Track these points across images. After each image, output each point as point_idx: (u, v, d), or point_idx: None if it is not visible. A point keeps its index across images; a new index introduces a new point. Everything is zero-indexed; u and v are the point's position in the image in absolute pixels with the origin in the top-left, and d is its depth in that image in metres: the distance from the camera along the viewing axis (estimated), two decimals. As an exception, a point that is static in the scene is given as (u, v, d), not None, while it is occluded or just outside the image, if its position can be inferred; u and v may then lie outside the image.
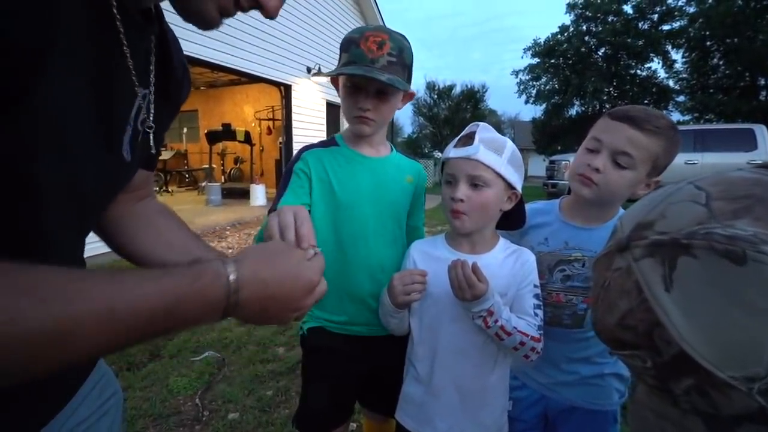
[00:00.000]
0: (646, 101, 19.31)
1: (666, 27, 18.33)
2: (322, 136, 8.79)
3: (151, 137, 0.54)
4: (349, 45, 0.93)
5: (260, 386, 2.06)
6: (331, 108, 8.95)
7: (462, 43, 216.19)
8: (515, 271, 0.90)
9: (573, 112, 20.62)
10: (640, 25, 18.45)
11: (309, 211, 1.01)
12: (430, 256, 0.96)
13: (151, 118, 0.53)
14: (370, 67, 0.90)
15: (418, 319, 0.96)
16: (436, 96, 22.35)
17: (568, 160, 8.50)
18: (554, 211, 1.00)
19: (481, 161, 0.84)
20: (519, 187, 0.90)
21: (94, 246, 0.68)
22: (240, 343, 2.50)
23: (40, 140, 0.37)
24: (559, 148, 19.74)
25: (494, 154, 0.85)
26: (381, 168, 1.06)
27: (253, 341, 2.53)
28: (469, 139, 0.87)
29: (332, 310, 1.07)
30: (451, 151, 0.89)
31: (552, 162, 9.41)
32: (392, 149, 1.13)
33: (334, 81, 1.06)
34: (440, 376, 0.91)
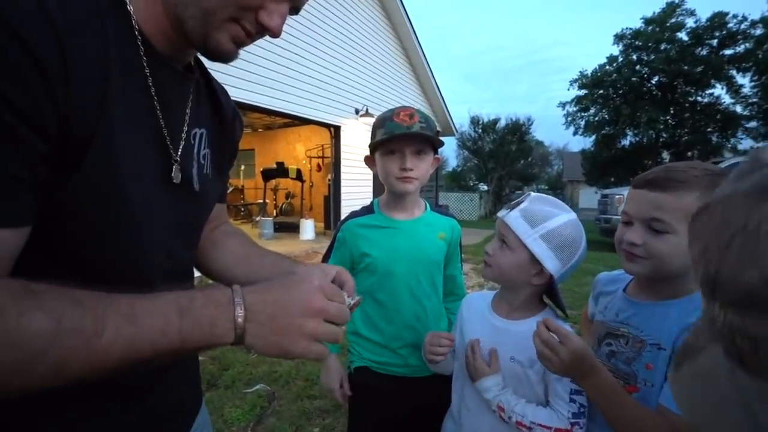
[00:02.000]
0: (709, 129, 18.08)
1: (728, 51, 17.35)
2: (368, 172, 9.10)
3: (205, 167, 0.62)
4: (384, 122, 1.08)
5: (307, 423, 2.14)
6: (377, 146, 9.30)
7: (506, 75, 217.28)
8: None
9: (626, 142, 19.69)
10: (697, 51, 17.62)
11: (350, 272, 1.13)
12: (475, 312, 1.03)
13: (202, 153, 0.60)
14: (409, 132, 1.04)
15: (459, 363, 1.02)
16: (480, 130, 22.37)
17: (622, 194, 8.08)
18: (624, 281, 0.94)
19: (508, 224, 0.89)
20: (551, 266, 0.85)
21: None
22: (289, 377, 2.61)
23: (124, 170, 0.45)
24: (612, 180, 18.81)
25: (526, 223, 0.87)
26: (414, 229, 1.16)
27: (301, 376, 2.63)
28: (516, 205, 0.92)
29: (374, 351, 1.18)
30: (501, 210, 0.96)
31: (605, 196, 8.97)
32: (426, 207, 1.22)
33: (368, 160, 1.20)
34: (465, 422, 0.96)
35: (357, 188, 8.75)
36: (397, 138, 1.05)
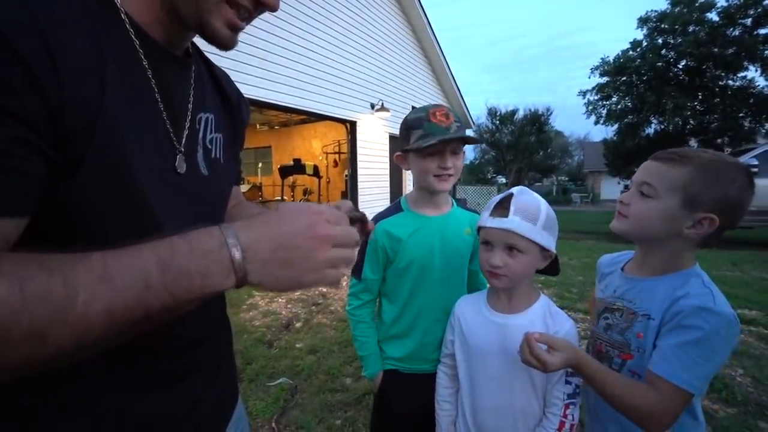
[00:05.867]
0: (741, 114, 17.26)
1: (763, 31, 16.44)
2: (385, 167, 9.13)
3: (214, 151, 0.61)
4: (420, 122, 1.07)
5: (330, 415, 2.18)
6: (394, 140, 9.30)
7: (526, 64, 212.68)
8: None
9: (651, 130, 18.99)
10: (729, 32, 16.77)
11: (383, 276, 1.17)
12: (472, 313, 1.04)
13: (209, 137, 0.60)
14: (450, 133, 1.05)
15: (465, 368, 1.04)
16: (498, 122, 21.97)
17: (647, 185, 7.83)
18: (623, 261, 1.01)
19: (516, 232, 0.89)
20: (553, 246, 0.94)
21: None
22: (310, 371, 2.66)
23: (130, 157, 0.44)
24: (636, 170, 18.23)
25: (529, 223, 0.89)
26: (444, 225, 1.17)
27: (322, 370, 2.68)
28: (504, 210, 0.91)
29: (398, 347, 1.21)
30: (488, 221, 0.94)
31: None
32: (453, 203, 1.23)
33: (400, 159, 1.19)
34: (485, 422, 0.98)
35: (374, 183, 8.77)
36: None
